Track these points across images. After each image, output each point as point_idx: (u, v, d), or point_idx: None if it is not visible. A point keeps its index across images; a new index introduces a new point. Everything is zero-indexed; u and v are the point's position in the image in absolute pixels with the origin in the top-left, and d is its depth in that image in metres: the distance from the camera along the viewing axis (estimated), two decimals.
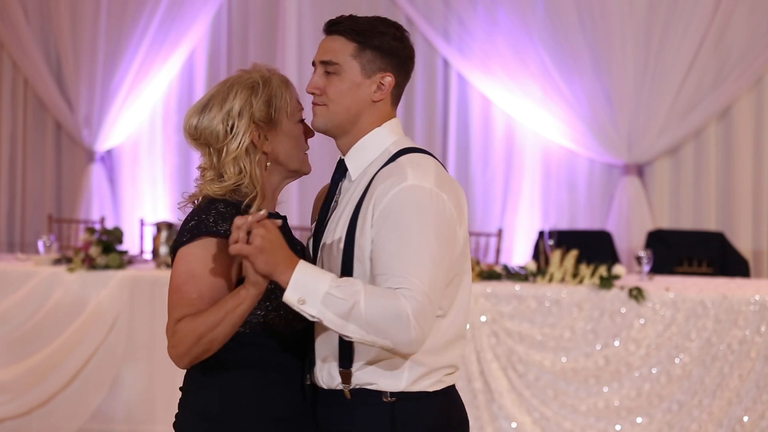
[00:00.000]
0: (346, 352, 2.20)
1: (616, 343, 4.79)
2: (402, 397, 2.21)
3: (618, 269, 4.93)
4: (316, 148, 2.49)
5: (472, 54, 7.38)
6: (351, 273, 2.19)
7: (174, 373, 2.40)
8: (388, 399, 2.20)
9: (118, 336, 5.23)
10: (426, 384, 2.22)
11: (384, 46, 2.27)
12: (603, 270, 4.91)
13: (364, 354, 2.19)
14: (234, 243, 2.07)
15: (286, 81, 2.39)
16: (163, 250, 5.48)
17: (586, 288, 4.86)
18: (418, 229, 2.11)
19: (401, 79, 2.31)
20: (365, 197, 2.21)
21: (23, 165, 8.39)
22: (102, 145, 8.06)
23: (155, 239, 5.64)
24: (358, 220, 2.19)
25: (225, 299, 2.17)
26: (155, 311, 5.13)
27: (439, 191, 2.16)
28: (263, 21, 7.85)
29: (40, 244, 5.85)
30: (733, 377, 4.68)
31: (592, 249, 5.79)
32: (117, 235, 5.46)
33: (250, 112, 2.31)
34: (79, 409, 5.27)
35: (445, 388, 2.27)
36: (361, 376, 2.21)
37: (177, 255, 2.27)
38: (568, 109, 7.21)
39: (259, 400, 2.30)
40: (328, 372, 2.26)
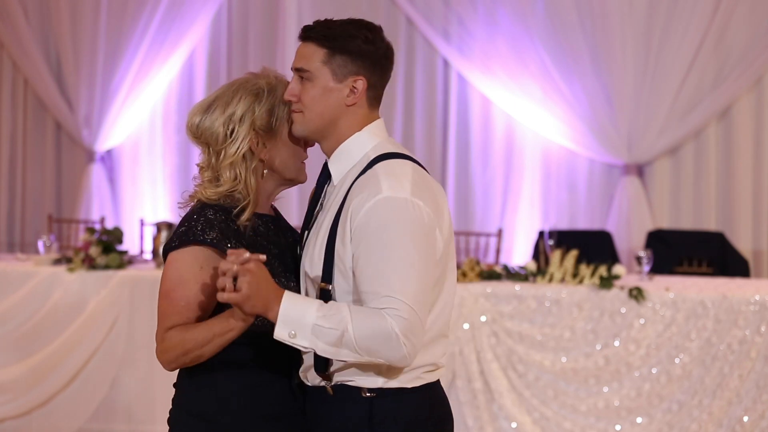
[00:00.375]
0: (321, 360, 2.23)
1: (616, 343, 4.79)
2: (380, 393, 2.24)
3: (618, 269, 4.93)
4: (317, 149, 2.49)
5: (472, 54, 7.38)
6: (331, 281, 2.22)
7: (173, 372, 2.41)
8: (366, 395, 2.24)
9: (118, 336, 5.23)
10: (403, 380, 2.25)
11: (354, 49, 2.26)
12: (603, 270, 4.91)
13: (338, 361, 2.23)
14: (221, 290, 2.11)
15: None
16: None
17: (586, 288, 4.86)
18: (397, 242, 2.13)
19: (376, 81, 2.29)
20: (343, 207, 2.22)
21: (23, 165, 8.38)
22: (102, 145, 8.06)
23: (155, 239, 5.64)
24: (338, 231, 2.21)
25: (214, 321, 2.22)
26: (155, 311, 5.10)
27: (414, 199, 2.16)
28: (263, 21, 7.85)
29: (40, 244, 5.85)
30: (733, 377, 4.68)
31: (592, 249, 5.79)
32: (117, 235, 5.46)
33: (251, 118, 2.32)
34: (79, 409, 5.27)
35: (425, 385, 2.29)
36: (341, 375, 2.25)
37: (167, 260, 2.33)
38: (568, 109, 7.20)
39: (249, 399, 2.33)
40: (311, 371, 2.29)
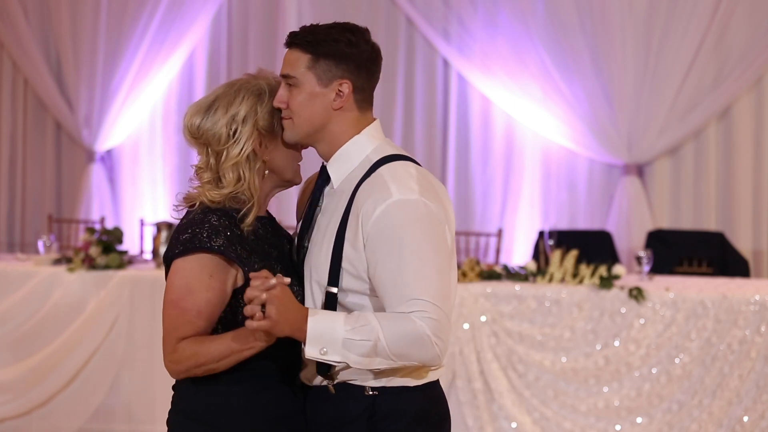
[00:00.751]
0: (324, 363, 2.22)
1: (616, 343, 4.79)
2: (383, 391, 2.25)
3: (618, 269, 4.93)
4: (308, 153, 2.49)
5: (472, 54, 7.37)
6: (337, 284, 2.23)
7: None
8: (369, 392, 2.25)
9: (118, 336, 5.23)
10: (407, 378, 2.26)
11: (337, 53, 2.26)
12: (603, 270, 4.91)
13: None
14: (250, 318, 2.09)
15: None
16: (163, 250, 5.48)
17: (586, 288, 4.86)
18: (414, 244, 2.15)
19: (362, 84, 2.29)
20: (350, 211, 2.23)
21: (23, 165, 8.39)
22: (102, 145, 8.06)
23: (155, 239, 5.64)
24: (347, 235, 2.22)
25: (233, 338, 2.20)
26: (155, 311, 5.12)
27: (423, 199, 2.19)
28: (263, 21, 7.85)
29: (40, 244, 5.85)
30: (733, 377, 4.68)
31: (592, 249, 5.79)
32: (117, 235, 5.46)
33: (254, 119, 2.31)
34: (79, 409, 5.27)
35: (426, 384, 2.30)
36: (343, 374, 2.26)
37: (171, 267, 2.28)
38: (568, 109, 7.20)
39: (249, 403, 2.31)
40: (313, 371, 2.30)
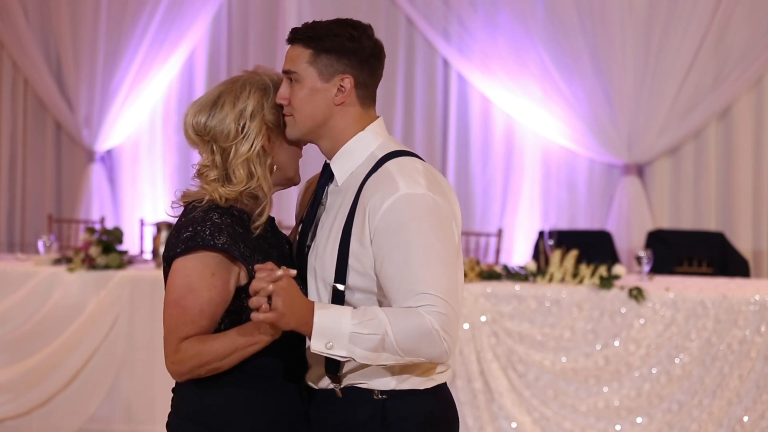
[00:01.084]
0: (333, 362, 2.20)
1: (616, 343, 4.79)
2: (392, 394, 2.22)
3: (618, 269, 4.93)
4: (309, 152, 2.48)
5: (472, 54, 7.38)
6: (344, 281, 2.19)
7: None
8: (378, 396, 2.21)
9: (118, 336, 5.23)
10: (416, 381, 2.23)
11: (339, 48, 2.24)
12: (603, 270, 4.91)
13: (350, 362, 2.18)
14: (256, 310, 2.07)
15: None
16: (163, 250, 5.48)
17: (586, 288, 4.86)
18: (421, 238, 2.12)
19: (365, 79, 2.27)
20: (356, 207, 2.20)
21: (23, 165, 8.39)
22: (102, 145, 8.06)
23: (155, 239, 5.64)
24: (353, 231, 2.19)
25: (237, 334, 2.17)
26: (155, 311, 5.12)
27: (431, 194, 2.16)
28: (263, 21, 7.85)
29: (40, 244, 5.85)
30: (733, 377, 4.68)
31: (592, 249, 5.79)
32: (117, 235, 5.46)
33: (262, 113, 2.29)
34: (79, 409, 5.27)
35: (436, 386, 2.27)
36: (351, 377, 2.22)
37: (173, 266, 2.24)
38: (568, 109, 7.21)
39: (250, 405, 2.27)
40: (319, 373, 2.26)
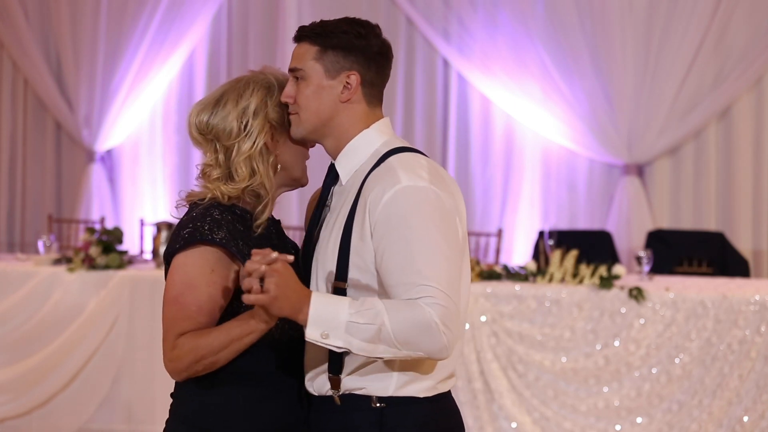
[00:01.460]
0: (337, 359, 2.16)
1: (616, 343, 4.79)
2: (391, 402, 2.16)
3: (618, 269, 4.93)
4: (319, 154, 2.47)
5: (472, 54, 7.38)
6: (345, 279, 2.15)
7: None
8: (376, 404, 2.16)
9: (118, 336, 5.23)
10: (415, 389, 2.17)
11: (346, 44, 2.21)
12: (603, 270, 4.91)
13: (354, 360, 2.15)
14: (248, 291, 2.02)
15: None
16: (164, 249, 5.48)
17: (586, 288, 4.86)
18: (422, 230, 2.07)
19: (371, 77, 2.24)
20: (358, 203, 2.16)
21: (23, 165, 8.39)
22: (102, 145, 8.06)
23: (155, 239, 5.64)
24: (354, 227, 2.15)
25: (232, 325, 2.13)
26: (155, 311, 5.12)
27: (434, 188, 2.13)
28: (263, 21, 7.85)
29: (40, 244, 5.85)
30: (733, 377, 4.68)
31: (592, 249, 5.79)
32: (117, 235, 5.46)
33: (265, 111, 2.28)
34: (79, 409, 5.27)
35: (438, 395, 2.21)
36: (350, 382, 2.17)
37: (172, 263, 2.22)
38: (568, 109, 7.21)
39: (249, 412, 2.26)
40: (318, 379, 2.22)
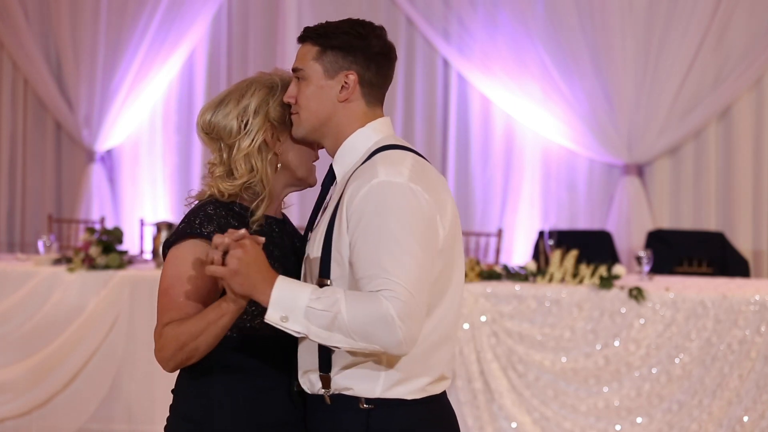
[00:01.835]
0: (326, 357, 2.17)
1: (616, 343, 4.79)
2: (379, 403, 2.15)
3: (618, 269, 4.93)
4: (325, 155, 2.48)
5: (472, 54, 7.38)
6: (329, 275, 2.16)
7: (174, 373, 2.39)
8: (364, 405, 2.15)
9: (118, 336, 5.23)
10: (403, 391, 2.16)
11: (345, 45, 2.22)
12: (603, 270, 4.91)
13: (342, 358, 2.15)
14: (210, 264, 2.06)
15: None
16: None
17: (586, 288, 4.86)
18: (392, 226, 2.06)
19: (371, 77, 2.24)
20: (341, 199, 2.17)
21: (23, 165, 8.39)
22: (102, 145, 8.06)
23: (155, 239, 5.64)
24: (335, 222, 2.16)
25: (208, 310, 2.16)
26: (155, 311, 5.10)
27: (412, 185, 2.10)
28: (263, 21, 7.85)
29: (40, 244, 5.85)
30: (733, 377, 4.68)
31: (592, 249, 5.79)
32: (117, 235, 5.46)
33: (265, 110, 2.31)
34: (79, 409, 5.27)
35: (427, 398, 2.20)
36: (339, 381, 2.17)
37: (167, 256, 2.29)
38: (568, 109, 7.21)
39: (244, 407, 2.28)
40: (309, 378, 2.23)
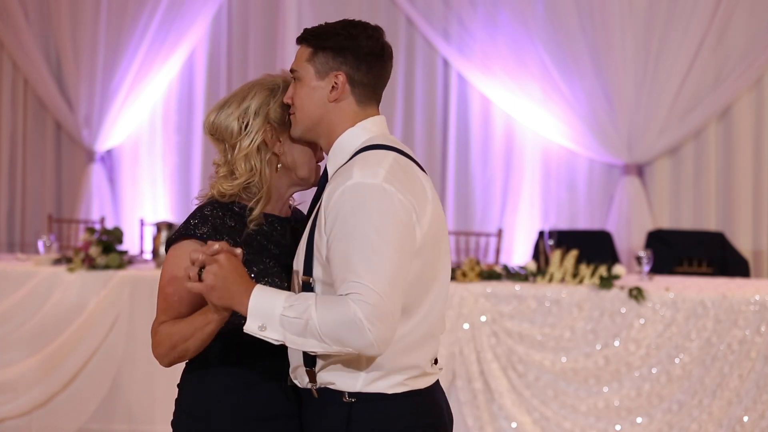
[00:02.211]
0: (308, 355, 2.22)
1: (616, 343, 4.79)
2: (360, 397, 2.20)
3: (618, 269, 4.93)
4: None
5: (472, 54, 7.38)
6: (311, 273, 2.22)
7: (174, 372, 2.41)
8: (347, 399, 2.21)
9: (118, 336, 5.23)
10: (383, 386, 2.21)
11: (335, 45, 2.27)
12: (603, 270, 4.91)
13: (324, 355, 2.20)
14: (187, 279, 2.13)
15: None
16: (163, 249, 5.48)
17: (586, 288, 4.86)
18: (365, 228, 2.09)
19: (361, 77, 2.28)
20: (321, 199, 2.23)
21: (23, 165, 8.39)
22: (102, 145, 8.06)
23: (155, 239, 5.64)
24: (317, 223, 2.21)
25: (196, 315, 2.26)
26: (155, 311, 5.11)
27: (386, 185, 2.13)
28: (263, 21, 7.85)
29: (40, 244, 5.85)
30: (733, 377, 4.68)
31: (592, 249, 5.79)
32: (117, 235, 5.46)
33: (266, 111, 2.37)
34: (79, 409, 5.27)
35: (409, 392, 2.23)
36: (324, 376, 2.23)
37: (167, 255, 2.39)
38: (568, 109, 7.21)
39: (242, 400, 2.35)
40: (298, 373, 2.29)
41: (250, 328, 2.10)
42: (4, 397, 5.32)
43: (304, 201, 2.53)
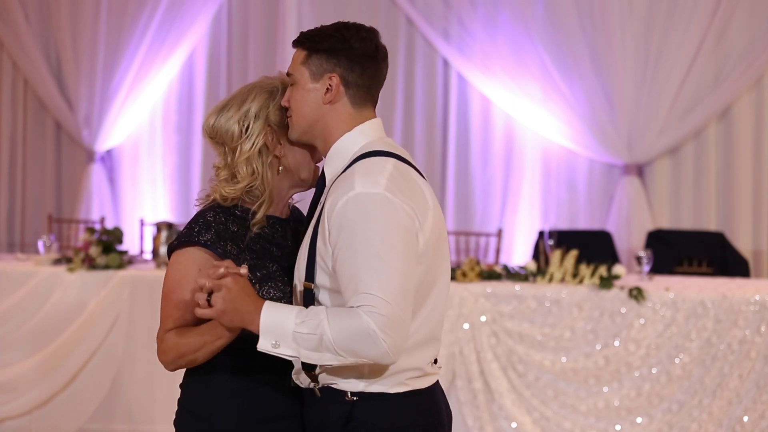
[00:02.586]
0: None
1: (616, 343, 4.79)
2: (362, 396, 2.23)
3: (618, 269, 4.93)
4: None
5: (472, 54, 7.38)
6: (313, 279, 2.23)
7: (174, 372, 2.41)
8: (349, 398, 2.23)
9: (118, 336, 5.23)
10: (386, 385, 2.24)
11: (329, 48, 2.29)
12: (603, 270, 4.91)
13: None
14: (197, 306, 2.17)
15: None
16: (163, 250, 5.47)
17: (586, 288, 4.86)
18: (371, 238, 2.12)
19: (355, 78, 2.29)
20: (324, 206, 2.24)
21: (23, 165, 8.38)
22: (102, 145, 8.06)
23: (155, 239, 5.64)
24: (319, 230, 2.22)
25: (205, 329, 2.27)
26: (155, 311, 5.12)
27: (388, 194, 2.15)
28: (263, 21, 7.85)
29: (40, 244, 5.85)
30: (733, 377, 4.68)
31: (592, 249, 5.79)
32: (117, 235, 5.46)
33: (266, 114, 2.38)
34: (79, 409, 5.27)
35: (410, 391, 2.26)
36: (326, 377, 2.25)
37: (170, 260, 2.38)
38: (568, 109, 7.21)
39: (246, 402, 2.35)
40: (300, 375, 2.30)
41: (264, 346, 2.13)
42: (4, 397, 5.32)
43: (302, 200, 2.54)
